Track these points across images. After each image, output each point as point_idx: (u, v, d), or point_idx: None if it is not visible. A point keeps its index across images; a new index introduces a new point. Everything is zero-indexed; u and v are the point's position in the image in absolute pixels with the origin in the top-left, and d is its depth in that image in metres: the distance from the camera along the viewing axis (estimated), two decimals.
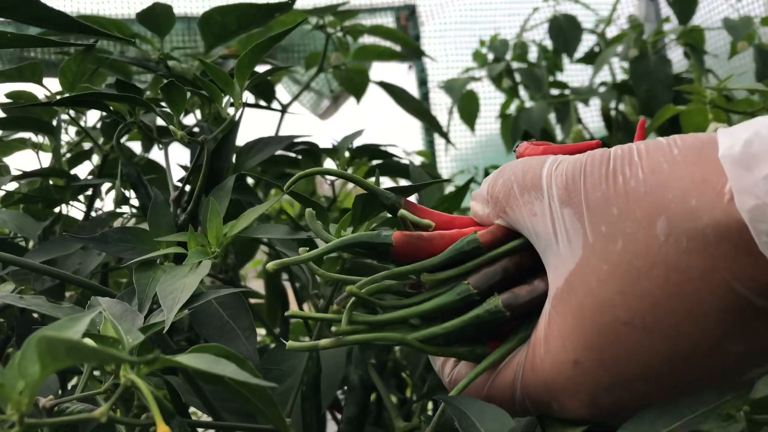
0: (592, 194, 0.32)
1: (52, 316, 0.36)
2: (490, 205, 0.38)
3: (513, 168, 0.37)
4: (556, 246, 0.34)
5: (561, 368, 0.33)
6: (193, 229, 0.47)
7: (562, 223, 0.33)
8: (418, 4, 1.59)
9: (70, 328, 0.26)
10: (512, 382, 0.36)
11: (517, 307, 0.35)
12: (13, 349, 0.70)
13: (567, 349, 0.33)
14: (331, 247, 0.38)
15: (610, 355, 0.31)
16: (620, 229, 0.31)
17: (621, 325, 0.31)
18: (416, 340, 0.36)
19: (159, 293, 0.40)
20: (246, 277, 1.10)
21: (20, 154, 0.84)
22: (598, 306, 0.31)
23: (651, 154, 0.31)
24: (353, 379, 0.47)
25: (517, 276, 0.37)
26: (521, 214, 0.36)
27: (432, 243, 0.38)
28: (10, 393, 0.25)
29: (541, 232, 0.34)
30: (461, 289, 0.36)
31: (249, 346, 0.43)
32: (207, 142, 0.54)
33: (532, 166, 0.36)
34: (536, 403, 0.35)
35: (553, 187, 0.34)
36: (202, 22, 0.64)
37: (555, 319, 0.33)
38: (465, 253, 0.37)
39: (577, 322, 0.32)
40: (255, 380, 0.27)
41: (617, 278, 0.31)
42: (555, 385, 0.33)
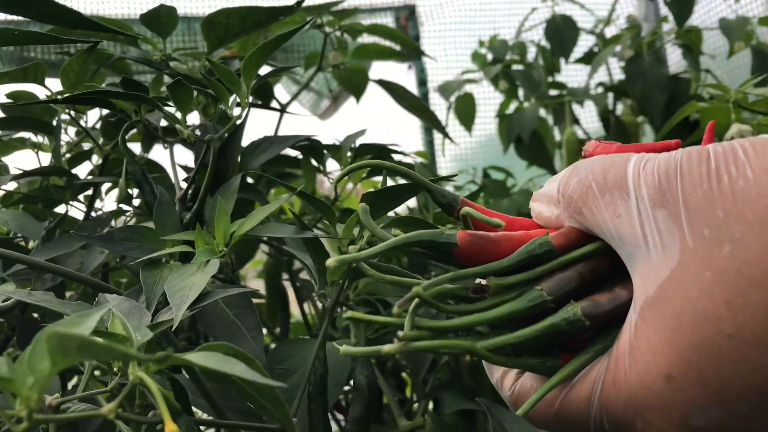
0: (692, 194, 0.30)
1: (60, 312, 0.36)
2: (562, 206, 0.35)
3: (590, 166, 0.34)
4: (645, 250, 0.31)
5: (650, 383, 0.30)
6: (199, 227, 0.47)
7: (653, 226, 0.31)
8: (417, 5, 1.59)
9: (80, 325, 0.26)
10: (588, 397, 0.33)
11: (597, 316, 0.33)
12: (13, 348, 0.70)
13: (659, 363, 0.30)
14: (392, 245, 0.35)
15: (712, 371, 0.28)
16: (727, 234, 0.28)
17: (726, 339, 0.28)
18: (485, 349, 0.33)
19: (167, 291, 0.40)
20: (246, 277, 1.10)
21: (19, 153, 0.84)
22: (699, 317, 0.29)
23: (760, 152, 0.29)
24: (360, 380, 0.47)
25: (593, 283, 0.34)
26: (602, 216, 0.33)
27: (499, 245, 0.35)
28: (19, 389, 0.25)
29: (626, 235, 0.32)
30: (534, 296, 0.33)
31: (255, 345, 0.43)
32: (213, 141, 0.54)
33: (615, 164, 0.33)
34: (616, 421, 0.32)
35: (642, 187, 0.31)
36: (206, 23, 0.64)
37: (643, 330, 0.30)
38: (536, 256, 0.34)
39: (672, 334, 0.29)
40: (264, 379, 0.27)
41: (723, 287, 0.28)
42: (642, 401, 0.30)
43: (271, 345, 0.96)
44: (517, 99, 1.47)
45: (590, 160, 0.35)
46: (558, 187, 0.36)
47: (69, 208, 0.75)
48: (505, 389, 0.38)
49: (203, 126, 0.63)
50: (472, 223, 0.37)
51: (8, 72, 0.69)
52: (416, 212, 0.85)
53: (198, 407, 0.52)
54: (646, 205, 0.31)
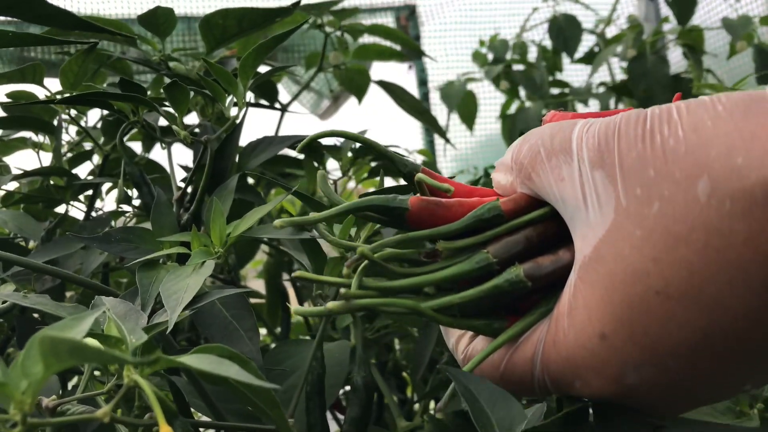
0: (627, 155, 0.30)
1: (56, 315, 0.36)
2: (514, 173, 0.36)
3: (540, 132, 0.35)
4: (585, 212, 0.31)
5: (586, 343, 0.30)
6: (196, 228, 0.47)
7: (592, 187, 0.31)
8: (418, 4, 1.59)
9: (73, 328, 0.26)
10: (531, 357, 0.33)
11: (539, 278, 0.33)
12: (13, 349, 0.70)
13: (593, 322, 0.30)
14: (343, 209, 0.36)
15: (641, 328, 0.29)
16: (657, 192, 0.29)
17: (654, 295, 0.28)
18: (430, 309, 0.33)
19: (162, 293, 0.40)
20: (246, 277, 1.10)
21: (20, 153, 0.84)
22: (629, 275, 0.29)
23: (692, 111, 0.29)
24: (357, 380, 0.47)
25: (541, 247, 0.34)
26: (547, 180, 0.33)
27: (450, 210, 0.36)
28: (12, 392, 0.25)
29: (568, 197, 0.32)
30: (480, 258, 0.34)
31: (252, 346, 0.43)
32: (210, 142, 0.54)
33: (562, 129, 0.34)
34: (557, 381, 0.33)
35: (583, 150, 0.32)
36: (204, 24, 0.64)
37: (581, 290, 0.31)
38: (485, 220, 0.34)
39: (605, 293, 0.30)
40: (258, 381, 0.27)
41: (652, 244, 0.29)
42: (579, 361, 0.31)
43: (272, 345, 0.96)
44: (519, 99, 1.47)
45: (542, 128, 0.36)
46: (512, 155, 0.36)
47: (69, 208, 0.75)
48: (458, 352, 0.38)
49: (201, 126, 0.63)
50: (428, 191, 0.37)
51: (6, 72, 0.70)
52: None
53: (196, 409, 0.52)
54: (587, 167, 0.31)
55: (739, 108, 0.28)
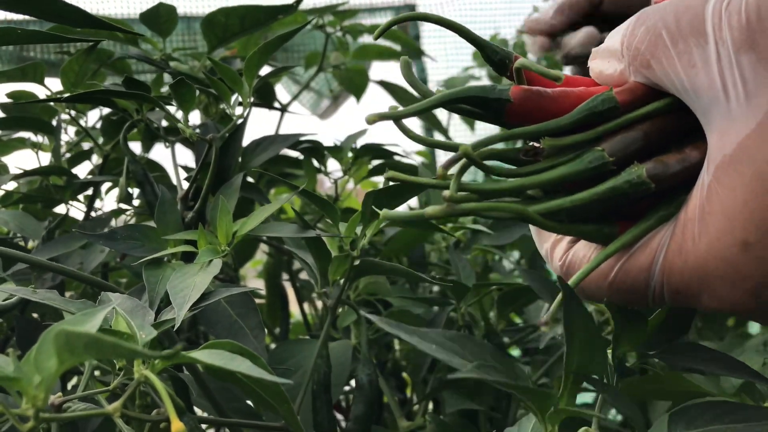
0: None
1: (65, 310, 0.36)
2: (626, 60, 0.31)
3: (660, 11, 0.30)
4: (725, 103, 0.27)
5: (723, 251, 0.27)
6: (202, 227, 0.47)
7: (736, 74, 0.27)
8: (417, 4, 1.59)
9: (85, 323, 0.26)
10: (649, 266, 0.30)
11: (664, 179, 0.29)
12: (13, 348, 0.70)
13: (734, 229, 0.27)
14: (436, 101, 0.32)
15: None
16: None
17: None
18: (538, 214, 0.30)
19: (169, 291, 0.40)
20: (246, 277, 1.10)
21: (19, 153, 0.83)
22: None
23: None
24: (362, 378, 0.47)
25: (660, 145, 0.31)
26: (674, 68, 0.29)
27: (557, 102, 0.31)
28: (26, 387, 0.25)
29: (702, 87, 0.28)
30: (594, 156, 0.30)
31: (258, 344, 0.43)
32: (215, 141, 0.54)
33: (691, 6, 0.29)
34: (679, 292, 0.29)
35: (724, 29, 0.27)
36: (206, 23, 0.64)
37: (718, 193, 0.27)
38: (598, 114, 0.30)
39: (752, 197, 0.26)
40: (269, 377, 0.27)
41: None
42: (712, 271, 0.28)
43: (271, 345, 0.96)
44: None
45: (660, 5, 0.31)
46: (622, 40, 0.32)
47: (69, 207, 0.75)
48: (555, 259, 0.35)
49: (204, 125, 0.63)
50: (527, 80, 0.33)
51: (6, 71, 0.69)
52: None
53: (199, 407, 0.52)
54: (729, 51, 0.27)
55: None
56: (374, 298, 0.72)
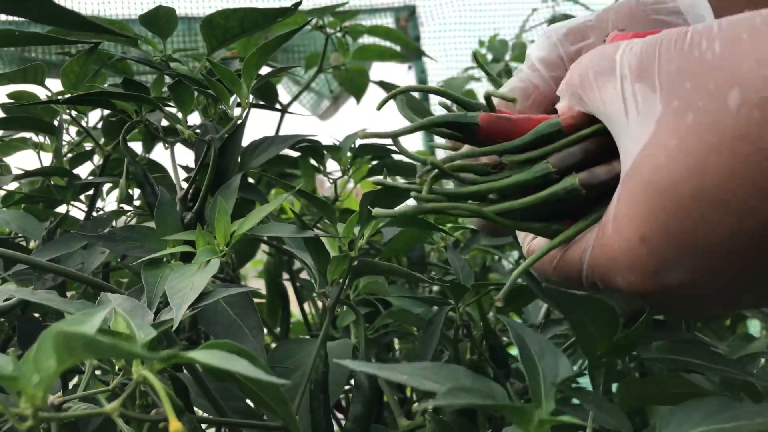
0: (666, 68, 0.32)
1: (64, 310, 0.36)
2: (567, 95, 0.39)
3: (588, 58, 0.38)
4: (627, 125, 0.34)
5: (627, 244, 0.33)
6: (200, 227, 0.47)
7: (633, 101, 0.34)
8: (417, 5, 1.60)
9: (84, 323, 0.26)
10: (581, 257, 0.37)
11: (594, 186, 0.36)
12: (14, 348, 0.70)
13: (633, 225, 0.33)
14: (418, 126, 0.39)
15: (677, 230, 0.31)
16: (692, 103, 0.30)
17: (689, 200, 0.31)
18: (492, 213, 0.37)
19: (168, 291, 0.40)
20: (246, 276, 1.10)
21: (21, 154, 0.84)
22: (665, 182, 0.31)
23: (732, 25, 0.30)
24: (360, 378, 0.47)
25: (598, 159, 0.37)
26: (595, 98, 0.36)
27: (517, 125, 0.39)
28: (25, 387, 0.25)
29: (614, 113, 0.35)
30: (540, 168, 0.37)
31: (257, 344, 0.43)
32: (214, 141, 0.54)
33: (607, 51, 0.36)
34: (602, 278, 0.36)
35: (625, 67, 0.34)
36: (205, 25, 0.64)
37: (624, 198, 0.34)
38: (546, 135, 0.38)
39: (644, 199, 0.32)
40: (267, 377, 0.27)
41: (686, 153, 0.30)
42: (622, 261, 0.34)
43: (272, 345, 0.96)
44: None
45: (590, 53, 0.38)
46: (565, 81, 0.40)
47: (70, 208, 0.75)
48: (524, 246, 0.44)
49: (203, 126, 0.63)
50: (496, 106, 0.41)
51: (7, 73, 0.70)
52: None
53: (198, 407, 0.52)
54: (628, 83, 0.34)
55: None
56: (374, 298, 0.72)
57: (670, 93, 0.32)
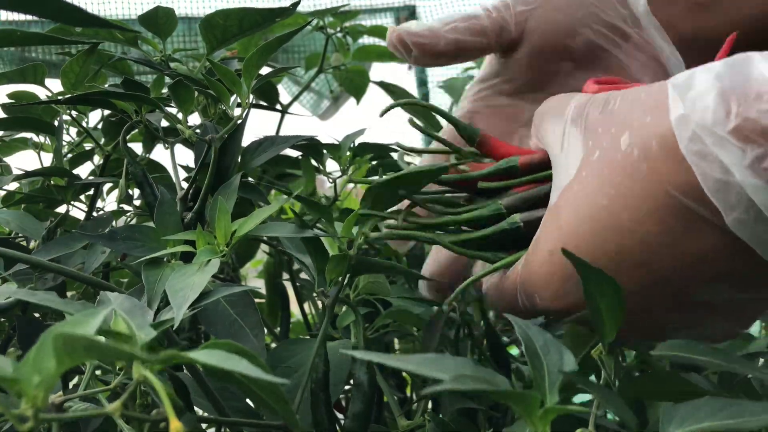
0: (591, 116, 0.39)
1: (64, 311, 0.36)
2: (533, 132, 0.46)
3: (548, 103, 0.45)
4: (562, 158, 0.40)
5: (540, 263, 0.39)
6: (200, 227, 0.47)
7: (568, 140, 0.40)
8: (417, 5, 1.60)
9: (85, 324, 0.26)
10: (515, 280, 0.42)
11: (531, 222, 0.42)
12: (14, 348, 0.70)
13: (545, 243, 0.38)
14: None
15: (575, 248, 0.35)
16: (599, 144, 0.37)
17: (587, 222, 0.36)
18: (449, 242, 0.45)
19: (168, 291, 0.40)
20: (246, 276, 1.10)
21: (21, 154, 0.84)
22: (572, 207, 0.37)
23: (638, 89, 0.37)
24: (359, 376, 0.47)
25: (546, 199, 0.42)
26: (546, 134, 0.43)
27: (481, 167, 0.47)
28: (25, 388, 0.25)
29: (553, 144, 0.41)
30: (494, 207, 0.45)
31: (258, 344, 0.43)
32: (214, 141, 0.54)
33: (564, 98, 0.43)
34: (528, 298, 0.40)
35: (570, 111, 0.41)
36: (204, 25, 0.64)
37: (545, 224, 0.40)
38: (503, 170, 0.46)
39: (556, 222, 0.38)
40: (267, 376, 0.27)
41: (589, 182, 0.36)
42: (535, 277, 0.39)
43: (272, 345, 0.96)
44: None
45: (553, 98, 0.45)
46: (534, 122, 0.47)
47: (70, 208, 0.75)
48: None
49: (203, 126, 0.63)
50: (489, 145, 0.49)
51: (6, 73, 0.70)
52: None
53: (198, 406, 0.52)
54: (569, 124, 0.40)
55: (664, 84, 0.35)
56: (374, 298, 0.72)
57: (589, 135, 0.38)
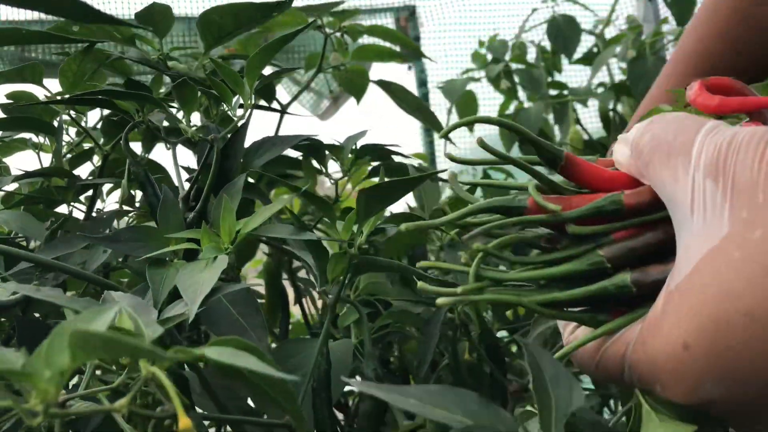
0: (741, 174, 0.30)
1: (70, 308, 0.36)
2: (634, 156, 0.36)
3: (666, 124, 0.35)
4: (691, 220, 0.32)
5: (670, 349, 0.31)
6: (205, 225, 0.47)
7: (701, 198, 0.31)
8: (417, 5, 1.60)
9: (94, 321, 0.26)
10: (623, 354, 0.34)
11: (645, 285, 0.34)
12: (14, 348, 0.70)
13: (679, 331, 0.31)
14: (468, 212, 0.38)
15: (724, 344, 0.29)
16: (762, 218, 0.29)
17: (741, 316, 0.29)
18: (536, 303, 0.36)
19: (179, 286, 0.40)
20: (246, 277, 1.10)
21: (20, 154, 0.84)
22: (721, 292, 0.30)
23: None
24: (368, 374, 0.47)
25: (651, 252, 0.35)
26: (662, 177, 0.34)
27: (570, 204, 0.37)
28: (36, 382, 0.25)
29: (679, 201, 0.32)
30: (594, 261, 0.35)
31: (260, 344, 0.43)
32: (216, 142, 0.54)
33: (687, 129, 0.33)
34: (642, 381, 0.33)
35: (702, 157, 0.32)
36: (201, 22, 0.64)
37: (673, 299, 0.32)
38: (605, 212, 0.36)
39: (696, 306, 0.30)
40: (277, 373, 0.27)
41: (748, 268, 0.29)
42: (661, 365, 0.32)
43: (272, 345, 0.96)
44: (517, 99, 1.48)
45: (669, 118, 0.35)
46: (634, 136, 0.37)
47: (72, 209, 0.75)
48: (564, 335, 0.41)
49: (205, 127, 0.63)
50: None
51: (4, 72, 0.69)
52: (417, 211, 0.85)
53: (200, 405, 0.52)
54: (701, 176, 0.31)
55: None
56: (374, 298, 0.72)
57: (742, 201, 0.30)
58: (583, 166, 0.38)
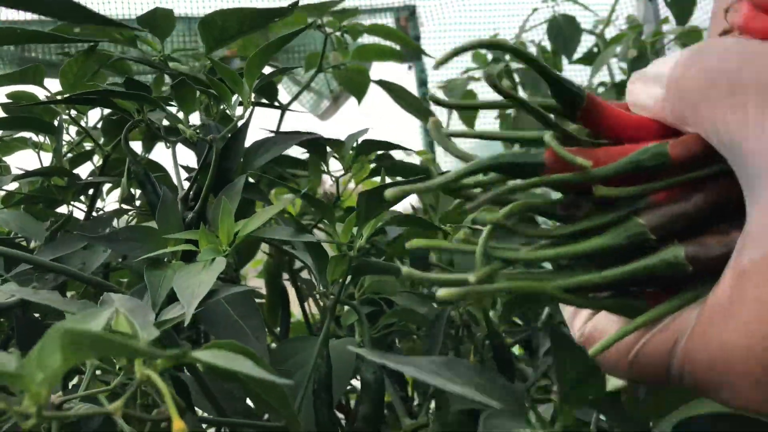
0: None
1: (65, 310, 0.36)
2: (670, 99, 0.27)
3: (723, 51, 0.26)
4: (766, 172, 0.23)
5: (752, 344, 0.23)
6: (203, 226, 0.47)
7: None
8: (417, 5, 1.60)
9: (89, 322, 0.26)
10: (670, 349, 0.26)
11: (704, 262, 0.26)
12: (13, 349, 0.70)
13: (761, 323, 0.23)
14: (468, 170, 0.28)
15: None
16: None
17: None
18: (562, 290, 0.28)
19: (176, 288, 0.40)
20: (246, 277, 1.10)
21: (20, 153, 0.84)
22: None
23: None
24: (367, 376, 0.47)
25: (706, 219, 0.27)
26: (724, 121, 0.25)
27: (597, 160, 0.28)
28: (28, 385, 0.25)
29: (754, 151, 0.24)
30: (634, 232, 0.27)
31: (259, 345, 0.43)
32: (216, 142, 0.54)
33: (758, 56, 0.25)
34: (699, 381, 0.26)
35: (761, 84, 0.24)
36: (203, 25, 0.64)
37: (753, 278, 0.24)
38: (644, 168, 0.27)
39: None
40: (271, 377, 0.27)
41: None
42: (737, 365, 0.24)
43: (272, 345, 0.96)
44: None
45: (727, 44, 0.27)
46: (671, 72, 0.27)
47: (72, 209, 0.75)
48: (574, 328, 0.32)
49: (205, 126, 0.63)
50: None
51: (6, 74, 0.70)
52: (421, 212, 0.85)
53: (199, 407, 0.52)
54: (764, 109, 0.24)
55: None
56: (379, 297, 0.72)
57: None
58: (608, 111, 0.29)
